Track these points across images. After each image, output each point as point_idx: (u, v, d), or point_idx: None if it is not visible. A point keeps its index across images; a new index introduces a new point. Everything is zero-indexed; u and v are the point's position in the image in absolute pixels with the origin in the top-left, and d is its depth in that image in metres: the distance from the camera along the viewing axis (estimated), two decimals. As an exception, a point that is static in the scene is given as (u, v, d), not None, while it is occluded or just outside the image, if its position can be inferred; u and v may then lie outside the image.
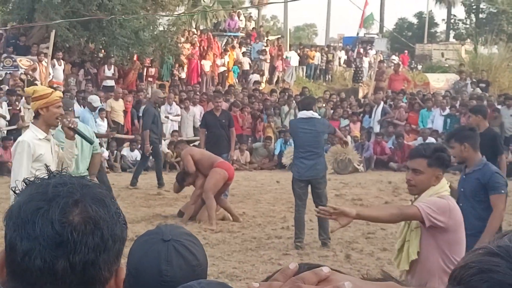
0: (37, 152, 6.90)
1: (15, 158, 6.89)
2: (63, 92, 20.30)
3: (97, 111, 19.61)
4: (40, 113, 6.85)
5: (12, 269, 1.54)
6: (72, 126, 7.00)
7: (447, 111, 22.97)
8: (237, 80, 30.52)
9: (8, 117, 19.60)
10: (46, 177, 1.60)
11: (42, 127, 6.88)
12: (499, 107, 21.81)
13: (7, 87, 21.37)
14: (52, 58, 21.68)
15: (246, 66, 31.03)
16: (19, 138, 7.14)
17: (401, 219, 5.03)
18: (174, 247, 2.41)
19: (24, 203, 1.54)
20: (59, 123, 7.09)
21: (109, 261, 1.56)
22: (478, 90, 26.45)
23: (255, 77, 30.12)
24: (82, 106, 20.52)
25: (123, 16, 21.33)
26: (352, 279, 1.18)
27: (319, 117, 12.07)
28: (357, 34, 44.79)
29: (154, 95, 18.13)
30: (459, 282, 1.00)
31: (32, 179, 1.60)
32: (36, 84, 19.52)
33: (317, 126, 11.23)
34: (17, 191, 1.60)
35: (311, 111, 11.40)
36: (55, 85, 21.41)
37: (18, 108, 19.66)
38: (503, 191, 6.92)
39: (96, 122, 19.22)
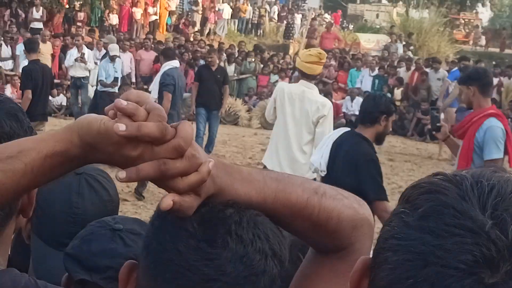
0: None
1: (330, 119, 7.66)
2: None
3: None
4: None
5: None
6: None
7: (376, 72, 23.08)
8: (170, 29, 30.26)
9: None
10: None
11: None
12: (427, 70, 22.00)
13: None
14: (-23, -3, 21.03)
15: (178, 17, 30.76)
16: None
17: None
18: (86, 180, 2.31)
19: None
20: None
21: None
22: (409, 53, 26.65)
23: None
24: (9, 46, 20.05)
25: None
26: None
27: None
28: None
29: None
30: (407, 200, 1.01)
31: None
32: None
33: None
34: None
35: None
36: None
37: None
38: None
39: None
